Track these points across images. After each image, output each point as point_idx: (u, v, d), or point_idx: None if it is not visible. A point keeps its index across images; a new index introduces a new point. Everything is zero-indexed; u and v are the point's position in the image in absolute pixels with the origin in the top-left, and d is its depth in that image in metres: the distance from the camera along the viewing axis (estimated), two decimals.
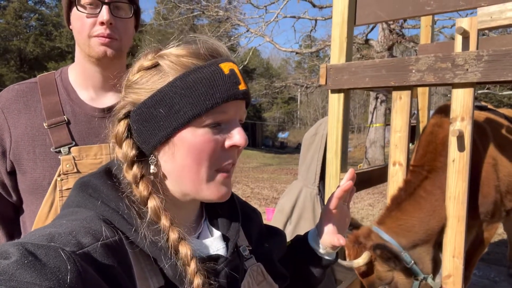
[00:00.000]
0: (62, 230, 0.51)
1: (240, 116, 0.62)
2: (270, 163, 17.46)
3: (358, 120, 38.68)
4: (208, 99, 0.57)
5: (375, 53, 11.97)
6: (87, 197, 0.58)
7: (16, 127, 0.95)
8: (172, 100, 0.57)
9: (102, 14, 0.93)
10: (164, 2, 16.31)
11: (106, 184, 0.60)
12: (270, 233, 0.86)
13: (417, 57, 1.58)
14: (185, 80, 0.57)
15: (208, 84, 0.57)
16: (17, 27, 23.82)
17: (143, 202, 0.58)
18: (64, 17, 1.01)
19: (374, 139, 12.77)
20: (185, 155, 0.58)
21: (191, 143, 0.57)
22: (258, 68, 35.86)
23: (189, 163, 0.58)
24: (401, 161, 1.72)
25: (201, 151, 0.57)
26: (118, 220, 0.56)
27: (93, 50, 0.95)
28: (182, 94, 0.57)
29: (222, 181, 0.61)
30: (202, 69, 0.58)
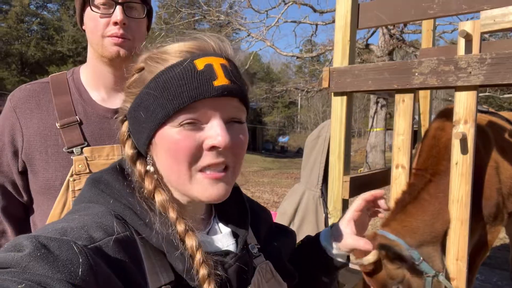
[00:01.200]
0: (74, 224, 0.51)
1: (226, 114, 0.58)
2: (270, 167, 17.44)
3: (359, 125, 38.69)
4: (176, 98, 0.55)
5: (376, 57, 12.00)
6: (99, 192, 0.59)
7: (28, 127, 0.95)
8: (147, 102, 0.58)
9: (115, 14, 0.94)
10: (166, 7, 16.38)
11: (118, 180, 0.61)
12: (280, 232, 0.86)
13: (420, 60, 1.59)
14: (157, 81, 0.58)
15: (177, 83, 0.56)
16: (19, 31, 23.91)
17: (150, 195, 0.59)
18: (77, 17, 1.02)
19: (375, 144, 12.77)
20: (164, 155, 0.58)
21: (167, 143, 0.57)
22: (259, 72, 35.94)
23: (170, 163, 0.58)
24: (404, 164, 1.72)
25: (176, 150, 0.57)
26: (130, 215, 0.57)
27: (106, 50, 0.96)
28: (155, 95, 0.57)
29: (208, 182, 0.58)
30: (174, 67, 0.57)
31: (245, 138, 0.62)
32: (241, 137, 0.61)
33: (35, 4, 26.64)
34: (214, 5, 14.24)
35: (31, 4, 25.80)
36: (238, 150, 0.61)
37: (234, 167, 0.62)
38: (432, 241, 1.58)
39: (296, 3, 12.22)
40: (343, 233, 0.81)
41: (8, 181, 0.99)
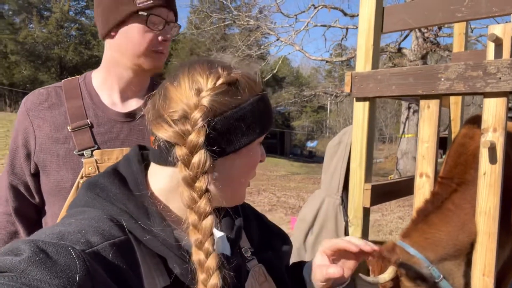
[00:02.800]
0: (71, 228, 0.52)
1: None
2: (297, 172, 17.32)
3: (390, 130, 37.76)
4: (270, 123, 0.67)
5: (408, 62, 11.70)
6: (95, 196, 0.60)
7: (41, 130, 0.98)
8: (253, 118, 0.63)
9: (166, 33, 1.02)
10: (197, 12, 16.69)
11: (114, 184, 0.61)
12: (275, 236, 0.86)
13: (446, 65, 1.52)
14: (260, 103, 0.65)
15: (269, 109, 0.67)
16: (58, 36, 25.09)
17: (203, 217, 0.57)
18: (109, 24, 1.00)
19: (406, 150, 12.42)
20: (245, 166, 0.66)
21: (252, 156, 0.66)
22: (288, 76, 35.86)
23: (243, 174, 0.67)
24: (428, 172, 1.65)
25: (253, 161, 0.67)
26: (126, 219, 0.57)
27: (147, 63, 1.01)
28: (259, 115, 0.64)
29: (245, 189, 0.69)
30: (265, 96, 0.67)
31: None
32: None
33: (74, 11, 27.88)
34: (244, 10, 14.36)
35: (70, 11, 27.02)
36: None
37: None
38: (455, 255, 1.50)
39: (326, 7, 12.13)
40: (315, 263, 0.78)
41: (21, 183, 1.03)
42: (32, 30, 24.82)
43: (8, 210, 1.04)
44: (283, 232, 0.89)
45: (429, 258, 1.50)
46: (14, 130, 1.04)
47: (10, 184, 1.03)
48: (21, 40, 23.45)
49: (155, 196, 0.63)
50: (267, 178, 13.82)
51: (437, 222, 1.53)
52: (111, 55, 1.04)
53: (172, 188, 0.63)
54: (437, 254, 1.52)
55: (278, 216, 7.29)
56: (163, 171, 0.63)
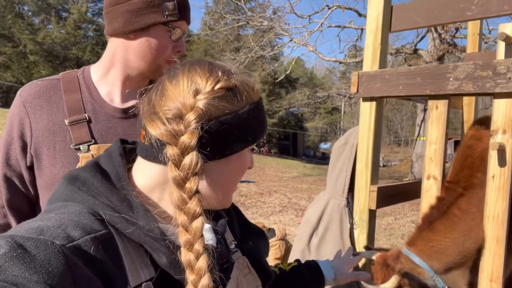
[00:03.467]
0: (51, 223, 0.51)
1: None
2: (310, 173, 17.23)
3: (406, 133, 37.21)
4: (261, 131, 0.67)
5: (424, 63, 11.51)
6: (76, 190, 0.59)
7: (37, 122, 0.97)
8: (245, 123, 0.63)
9: (182, 45, 1.06)
10: (211, 13, 16.79)
11: (96, 177, 0.60)
12: (254, 232, 0.89)
13: (455, 65, 1.48)
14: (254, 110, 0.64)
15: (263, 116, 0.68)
16: (76, 37, 25.58)
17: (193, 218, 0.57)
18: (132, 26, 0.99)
19: (421, 153, 12.21)
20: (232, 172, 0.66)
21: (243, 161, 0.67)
22: (301, 77, 35.70)
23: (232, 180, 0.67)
24: (436, 175, 1.61)
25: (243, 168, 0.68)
26: (109, 213, 0.57)
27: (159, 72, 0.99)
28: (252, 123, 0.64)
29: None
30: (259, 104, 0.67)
31: None
32: None
33: (91, 12, 28.37)
34: (258, 11, 14.36)
35: (88, 12, 27.50)
36: None
37: None
38: (461, 262, 1.46)
39: (340, 7, 12.04)
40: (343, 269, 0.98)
41: (16, 175, 1.01)
42: (50, 31, 25.37)
43: (0, 203, 1.03)
44: (260, 229, 0.93)
45: (434, 267, 1.46)
46: (8, 121, 1.02)
47: (4, 175, 1.01)
48: (40, 41, 23.98)
49: (139, 190, 0.63)
50: (279, 179, 13.79)
51: (443, 229, 1.49)
52: (123, 55, 1.03)
53: (158, 185, 0.63)
54: (442, 263, 1.47)
55: (288, 217, 7.25)
56: (150, 167, 0.63)
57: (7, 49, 23.82)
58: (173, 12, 0.99)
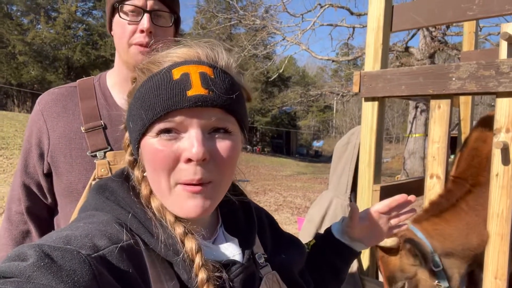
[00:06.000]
0: (78, 232, 0.51)
1: (205, 124, 0.56)
2: (304, 171, 17.28)
3: (397, 130, 37.51)
4: (151, 109, 0.55)
5: (416, 61, 11.61)
6: (104, 200, 0.59)
7: (54, 129, 0.98)
8: (132, 112, 0.59)
9: (142, 22, 0.94)
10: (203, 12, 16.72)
11: (123, 188, 0.61)
12: (289, 242, 0.84)
13: (457, 64, 1.50)
14: (140, 91, 0.58)
15: (152, 94, 0.55)
16: (66, 37, 25.26)
17: (147, 201, 0.59)
18: (107, 23, 1.03)
19: (413, 150, 12.32)
20: (147, 164, 0.59)
21: (147, 153, 0.57)
22: (294, 76, 35.77)
23: (150, 173, 0.58)
24: (439, 173, 1.63)
25: (154, 160, 0.56)
26: (135, 223, 0.57)
27: (132, 58, 0.96)
28: (136, 106, 0.58)
29: (186, 195, 0.56)
30: (152, 77, 0.57)
31: (231, 149, 0.58)
32: (226, 148, 0.57)
33: (81, 11, 28.05)
34: (250, 9, 14.34)
35: (77, 11, 27.19)
36: (221, 162, 0.57)
37: (218, 180, 0.58)
38: (462, 255, 1.49)
39: (332, 6, 12.07)
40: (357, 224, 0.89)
41: (34, 183, 1.02)
42: (40, 31, 25.03)
43: (20, 209, 1.04)
44: (295, 238, 0.88)
45: (435, 246, 1.51)
46: (27, 129, 1.03)
47: (23, 183, 1.02)
48: (29, 41, 23.65)
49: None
50: (273, 178, 13.81)
51: (449, 218, 1.53)
52: (116, 54, 1.04)
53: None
54: (444, 247, 1.51)
55: (284, 216, 7.27)
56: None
57: None
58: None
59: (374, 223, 0.90)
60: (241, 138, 0.62)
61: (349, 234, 0.90)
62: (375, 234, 0.92)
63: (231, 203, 0.71)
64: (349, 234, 0.90)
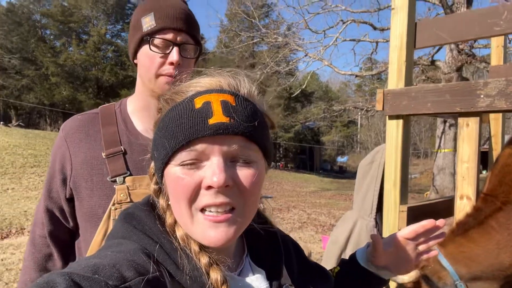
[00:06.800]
0: (106, 261, 0.51)
1: (227, 153, 0.56)
2: (328, 188, 17.03)
3: (425, 145, 36.55)
4: (173, 138, 0.55)
5: (442, 74, 11.35)
6: (132, 228, 0.59)
7: (76, 155, 1.00)
8: (156, 142, 0.60)
9: (172, 55, 0.98)
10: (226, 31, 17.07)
11: (150, 217, 0.61)
12: (316, 274, 0.81)
13: (485, 81, 1.45)
14: (163, 120, 0.59)
15: (175, 123, 0.56)
16: (96, 58, 26.36)
17: (172, 230, 0.59)
18: (130, 51, 1.06)
19: (443, 166, 11.93)
20: (170, 193, 0.59)
21: (169, 182, 0.58)
22: (317, 91, 35.70)
23: (173, 202, 0.59)
24: (469, 194, 1.56)
25: (176, 189, 0.56)
26: (161, 254, 0.56)
27: (159, 87, 1.00)
28: (160, 135, 0.59)
29: (208, 224, 0.56)
30: (175, 107, 0.58)
31: (253, 176, 0.57)
32: (248, 176, 0.56)
33: (110, 34, 29.25)
34: (272, 27, 14.52)
35: (107, 34, 28.36)
36: (244, 188, 0.56)
37: (242, 208, 0.57)
38: (490, 276, 1.40)
39: (355, 21, 12.06)
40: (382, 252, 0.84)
41: (57, 207, 1.05)
42: (71, 53, 26.23)
43: (43, 233, 1.06)
44: (323, 268, 0.85)
45: (461, 272, 1.42)
46: (52, 155, 1.06)
47: (46, 208, 1.05)
48: (61, 63, 24.81)
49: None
50: (296, 194, 13.67)
51: (477, 237, 1.45)
52: (138, 81, 1.07)
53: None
54: (471, 270, 1.43)
55: (308, 234, 7.14)
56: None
57: (30, 72, 24.72)
58: (150, 23, 0.98)
59: (400, 250, 0.85)
60: (265, 166, 0.62)
61: (374, 263, 0.86)
62: (402, 261, 0.87)
63: (257, 232, 0.69)
64: (375, 263, 0.86)
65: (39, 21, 27.91)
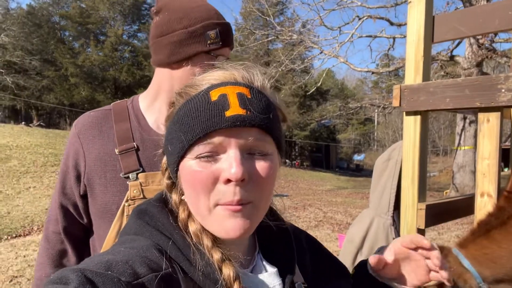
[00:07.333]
0: (119, 258, 0.52)
1: (243, 145, 0.56)
2: (344, 186, 16.88)
3: (444, 142, 35.81)
4: (190, 131, 0.55)
5: (462, 70, 11.09)
6: (144, 225, 0.59)
7: (90, 152, 1.01)
8: (171, 135, 0.60)
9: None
10: (241, 30, 17.09)
11: (162, 213, 0.61)
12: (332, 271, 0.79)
13: (506, 75, 1.40)
14: (178, 114, 0.59)
15: (191, 116, 0.56)
16: (113, 58, 26.79)
17: (185, 225, 0.59)
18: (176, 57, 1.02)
19: (463, 163, 11.67)
20: (185, 186, 0.59)
21: (186, 175, 0.57)
22: (333, 89, 35.35)
23: (189, 195, 0.58)
24: (490, 192, 1.51)
25: (193, 182, 0.56)
26: (174, 250, 0.56)
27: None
28: (175, 129, 0.58)
29: (226, 215, 0.55)
30: (191, 100, 0.57)
31: (269, 169, 0.57)
32: (264, 168, 0.57)
33: (127, 34, 29.67)
34: (287, 25, 14.46)
35: (123, 34, 28.77)
36: (260, 182, 0.57)
37: (258, 200, 0.57)
38: None
39: (371, 17, 11.91)
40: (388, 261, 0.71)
41: (71, 204, 1.06)
42: (89, 54, 26.73)
43: (58, 229, 1.08)
44: (340, 266, 0.82)
45: (484, 274, 1.37)
46: (65, 151, 1.07)
47: (60, 204, 1.06)
48: (80, 64, 25.32)
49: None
50: (312, 192, 13.60)
51: (500, 238, 1.40)
52: (169, 84, 1.05)
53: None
54: (494, 272, 1.38)
55: (324, 232, 7.10)
56: None
57: (50, 73, 25.31)
58: (215, 40, 1.00)
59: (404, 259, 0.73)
60: (278, 158, 0.62)
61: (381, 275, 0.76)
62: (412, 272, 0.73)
63: (269, 229, 0.69)
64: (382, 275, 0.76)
65: (58, 23, 28.55)
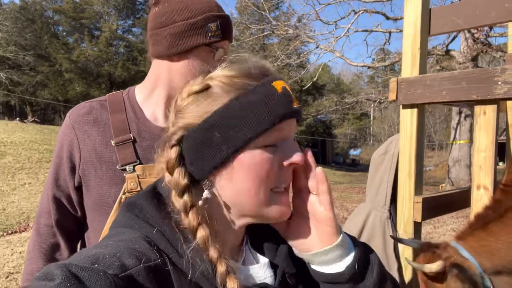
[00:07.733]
0: (107, 251, 0.51)
1: (293, 134, 0.62)
2: (340, 181, 16.94)
3: (440, 136, 35.98)
4: (266, 120, 0.56)
5: (457, 64, 11.12)
6: (134, 217, 0.59)
7: (85, 143, 0.99)
8: (229, 122, 0.56)
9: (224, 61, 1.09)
10: (236, 24, 17.00)
11: (152, 205, 0.60)
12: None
13: (503, 68, 1.40)
14: (241, 101, 0.57)
15: (264, 105, 0.56)
16: (108, 54, 26.59)
17: (192, 231, 0.56)
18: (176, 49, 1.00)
19: (458, 158, 11.74)
20: (244, 177, 0.57)
21: (251, 165, 0.57)
22: (329, 84, 35.33)
23: (249, 186, 0.57)
24: (486, 184, 1.52)
25: (261, 172, 0.57)
26: (163, 242, 0.56)
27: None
28: (239, 116, 0.56)
29: (281, 200, 0.60)
30: (257, 89, 0.58)
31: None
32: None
33: (121, 29, 29.43)
34: (283, 19, 14.40)
35: (118, 30, 28.53)
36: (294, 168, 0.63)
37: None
38: None
39: (367, 11, 11.87)
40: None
41: (64, 196, 1.03)
42: (84, 49, 26.51)
43: (50, 222, 1.05)
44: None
45: (484, 265, 1.38)
46: (58, 143, 1.04)
47: (53, 196, 1.04)
48: (74, 59, 25.10)
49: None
50: None
51: (497, 231, 1.41)
52: (167, 77, 1.03)
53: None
54: (493, 264, 1.39)
55: None
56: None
57: (44, 68, 25.10)
58: (216, 32, 0.99)
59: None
60: None
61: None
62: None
63: None
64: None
65: (52, 18, 28.28)
